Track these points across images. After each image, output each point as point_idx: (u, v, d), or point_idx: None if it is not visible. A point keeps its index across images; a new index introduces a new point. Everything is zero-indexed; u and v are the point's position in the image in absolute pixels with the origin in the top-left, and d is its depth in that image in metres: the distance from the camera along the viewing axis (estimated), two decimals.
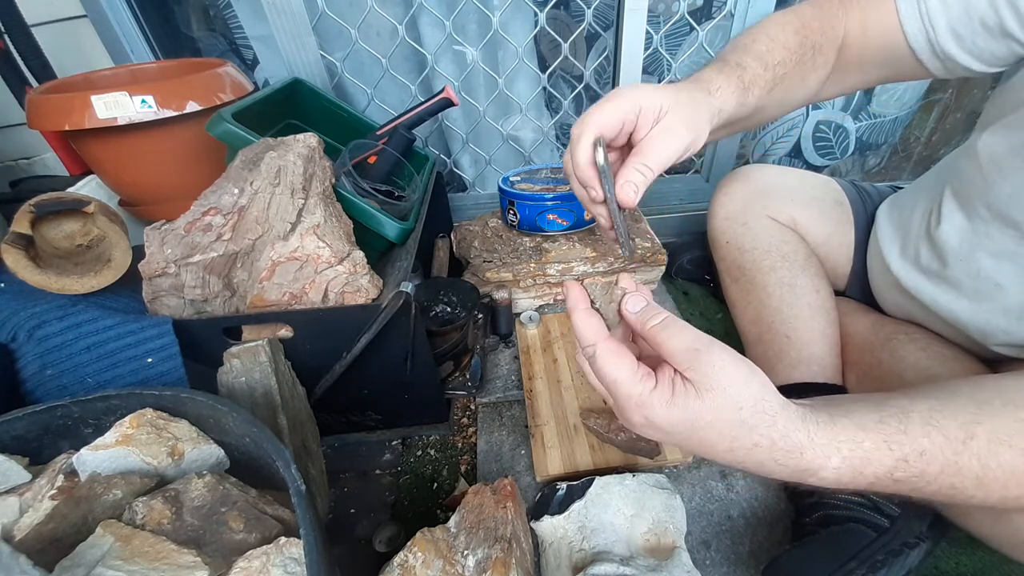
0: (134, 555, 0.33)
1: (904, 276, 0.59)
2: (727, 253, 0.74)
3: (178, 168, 0.75)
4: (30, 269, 0.49)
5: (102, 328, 0.52)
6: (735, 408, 0.31)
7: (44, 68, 0.84)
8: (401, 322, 0.57)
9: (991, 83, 1.09)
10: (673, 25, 1.01)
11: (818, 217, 0.71)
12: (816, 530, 0.53)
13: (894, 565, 0.48)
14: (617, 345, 0.34)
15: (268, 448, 0.39)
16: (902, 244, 0.60)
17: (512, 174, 0.98)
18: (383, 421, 0.72)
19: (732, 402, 0.30)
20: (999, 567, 0.54)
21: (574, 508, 0.55)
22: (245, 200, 0.54)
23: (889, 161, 1.24)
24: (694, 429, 0.31)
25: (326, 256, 0.55)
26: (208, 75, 0.73)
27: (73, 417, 0.44)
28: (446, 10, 0.94)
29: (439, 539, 0.47)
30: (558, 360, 0.81)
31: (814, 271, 0.68)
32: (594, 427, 0.66)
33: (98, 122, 0.65)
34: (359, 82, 0.98)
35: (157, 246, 0.54)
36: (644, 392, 0.32)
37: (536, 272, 0.89)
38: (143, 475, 0.40)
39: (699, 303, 1.00)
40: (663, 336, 0.33)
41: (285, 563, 0.34)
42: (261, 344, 0.55)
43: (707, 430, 0.31)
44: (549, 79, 1.05)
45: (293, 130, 0.77)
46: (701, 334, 0.32)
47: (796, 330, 0.65)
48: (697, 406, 0.31)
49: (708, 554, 0.57)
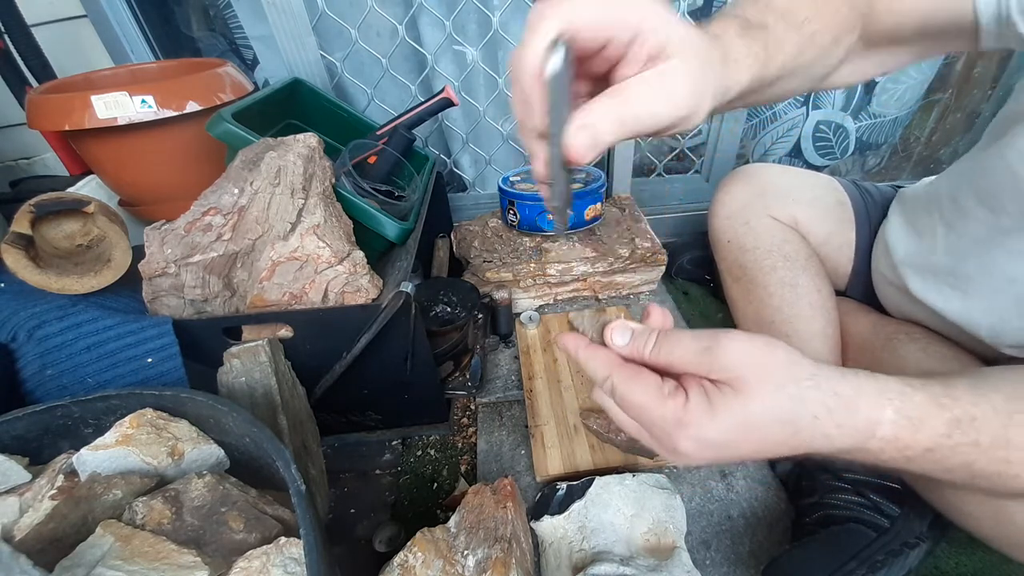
0: (134, 555, 0.33)
1: (916, 286, 0.57)
2: (728, 252, 0.74)
3: (178, 168, 0.75)
4: (30, 269, 0.49)
5: (102, 328, 0.52)
6: (778, 388, 0.28)
7: (44, 68, 0.84)
8: (401, 322, 0.57)
9: (990, 83, 1.09)
10: None
11: (819, 216, 0.71)
12: (816, 530, 0.53)
13: (894, 565, 0.48)
14: (634, 368, 0.31)
15: (268, 448, 0.39)
16: (914, 247, 0.59)
17: (512, 174, 0.98)
18: (383, 421, 0.72)
19: (773, 383, 0.28)
20: (999, 567, 0.54)
21: (574, 508, 0.55)
22: (245, 200, 0.54)
23: (889, 161, 1.24)
24: (749, 430, 0.28)
25: (326, 256, 0.55)
26: (208, 75, 0.73)
27: (73, 417, 0.44)
28: (446, 10, 0.94)
29: (439, 539, 0.47)
30: (558, 360, 0.81)
31: (815, 271, 0.68)
32: (594, 427, 0.66)
33: (98, 122, 0.65)
34: (359, 82, 0.98)
35: (157, 246, 0.54)
36: (678, 409, 0.29)
37: (536, 272, 0.89)
38: (143, 475, 0.40)
39: (699, 303, 1.00)
40: (664, 352, 0.30)
41: (285, 563, 0.34)
42: (261, 344, 0.55)
43: (764, 424, 0.28)
44: None
45: (293, 130, 0.77)
46: (700, 332, 0.30)
47: (797, 330, 0.65)
48: (741, 404, 0.28)
49: (708, 554, 0.57)
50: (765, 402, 0.28)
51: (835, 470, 0.56)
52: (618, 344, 0.32)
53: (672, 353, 0.30)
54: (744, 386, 0.28)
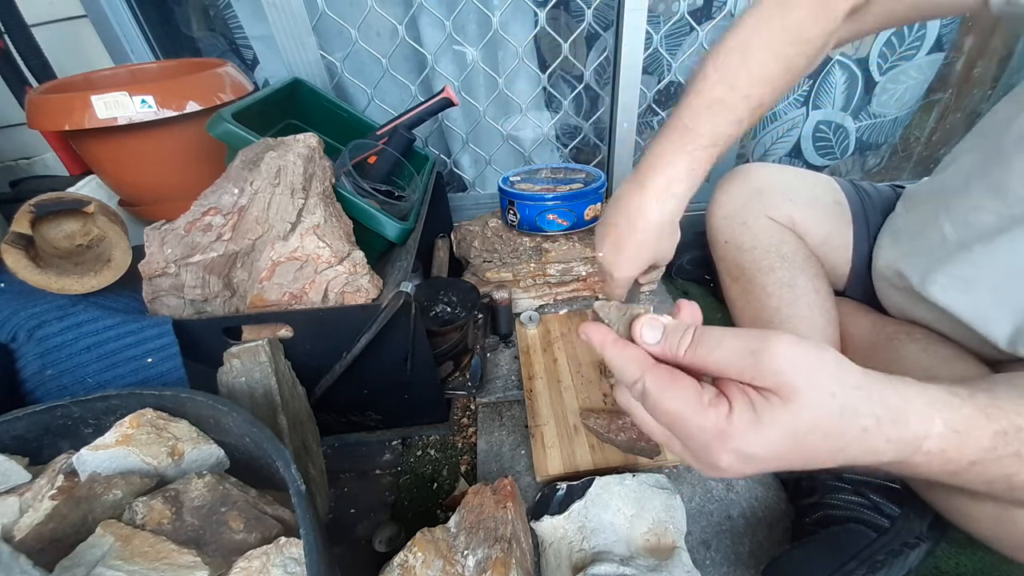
0: (134, 555, 0.33)
1: (919, 281, 0.55)
2: (726, 253, 0.74)
3: (178, 168, 0.75)
4: (30, 269, 0.49)
5: (102, 328, 0.52)
6: (829, 397, 0.26)
7: (44, 68, 0.84)
8: (401, 322, 0.57)
9: (990, 83, 1.09)
10: (673, 25, 1.01)
11: (817, 216, 0.71)
12: (816, 530, 0.53)
13: (894, 565, 0.48)
14: (669, 371, 0.28)
15: (268, 448, 0.39)
16: (919, 243, 0.57)
17: (512, 174, 0.98)
18: (383, 421, 0.72)
19: (824, 391, 0.26)
20: (999, 567, 0.54)
21: (574, 508, 0.55)
22: (245, 200, 0.54)
23: (889, 161, 1.24)
24: (798, 442, 0.26)
25: (326, 256, 0.55)
26: (208, 75, 0.73)
27: (73, 417, 0.44)
28: (446, 10, 0.94)
29: (439, 539, 0.47)
30: (558, 360, 0.81)
31: (813, 271, 0.68)
32: (594, 427, 0.66)
33: (98, 122, 0.65)
34: (359, 82, 0.98)
35: (157, 246, 0.54)
36: (720, 420, 0.26)
37: (536, 272, 0.89)
38: (143, 475, 0.40)
39: (699, 303, 0.99)
40: (702, 353, 0.28)
41: (285, 563, 0.34)
42: (261, 344, 0.55)
43: (811, 437, 0.26)
44: (549, 79, 1.05)
45: (293, 130, 0.77)
46: (742, 332, 0.27)
47: (796, 330, 0.64)
48: (790, 415, 0.25)
49: (708, 554, 0.57)
50: (814, 414, 0.25)
51: (835, 470, 0.56)
52: (648, 341, 0.29)
53: (711, 354, 0.27)
54: (793, 395, 0.25)
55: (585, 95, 1.12)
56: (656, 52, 1.05)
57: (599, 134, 1.13)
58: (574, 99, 1.09)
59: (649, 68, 1.10)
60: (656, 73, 1.11)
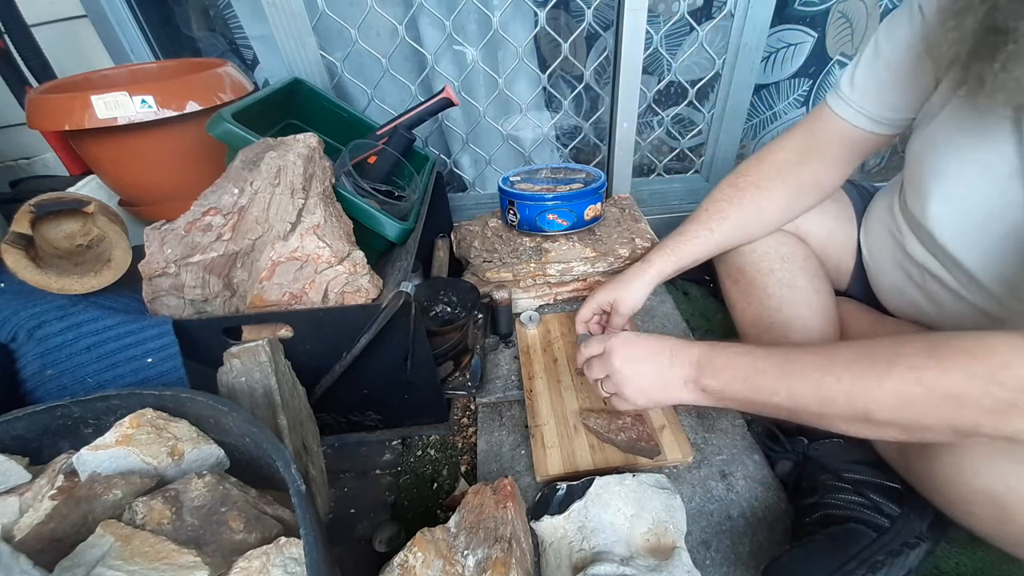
0: (134, 555, 0.33)
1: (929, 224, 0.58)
2: (725, 254, 0.74)
3: (178, 168, 0.75)
4: (30, 269, 0.49)
5: (102, 328, 0.52)
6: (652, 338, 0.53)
7: (44, 68, 0.84)
8: (401, 322, 0.57)
9: None
10: (673, 25, 1.01)
11: (818, 216, 0.71)
12: (816, 530, 0.53)
13: (894, 565, 0.48)
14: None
15: (268, 448, 0.39)
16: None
17: (512, 174, 0.98)
18: (383, 421, 0.72)
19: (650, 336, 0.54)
20: (999, 567, 0.54)
21: (574, 508, 0.55)
22: (245, 200, 0.54)
23: (889, 161, 1.24)
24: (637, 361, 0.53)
25: (326, 256, 0.55)
26: (208, 75, 0.73)
27: (73, 417, 0.44)
28: (446, 10, 0.94)
29: (439, 539, 0.47)
30: (558, 360, 0.81)
31: (814, 271, 0.68)
32: (594, 427, 0.66)
33: (98, 122, 0.65)
34: (359, 82, 0.98)
35: (157, 246, 0.54)
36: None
37: (536, 272, 0.89)
38: (143, 475, 0.40)
39: (699, 303, 1.00)
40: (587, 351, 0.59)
41: (285, 563, 0.34)
42: (261, 344, 0.55)
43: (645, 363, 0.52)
44: (549, 79, 1.05)
45: (293, 130, 0.77)
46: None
47: (796, 330, 0.65)
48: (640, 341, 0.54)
49: (708, 554, 0.57)
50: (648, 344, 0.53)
51: (835, 470, 0.56)
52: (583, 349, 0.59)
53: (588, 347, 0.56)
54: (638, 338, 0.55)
55: (585, 95, 1.12)
56: (656, 52, 1.05)
57: (599, 134, 1.13)
58: (574, 99, 1.10)
59: (649, 68, 1.10)
60: (656, 73, 1.11)
